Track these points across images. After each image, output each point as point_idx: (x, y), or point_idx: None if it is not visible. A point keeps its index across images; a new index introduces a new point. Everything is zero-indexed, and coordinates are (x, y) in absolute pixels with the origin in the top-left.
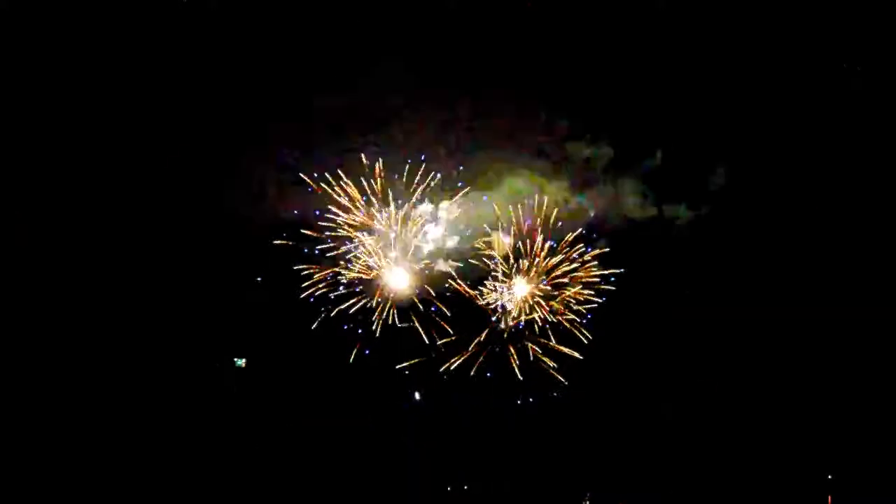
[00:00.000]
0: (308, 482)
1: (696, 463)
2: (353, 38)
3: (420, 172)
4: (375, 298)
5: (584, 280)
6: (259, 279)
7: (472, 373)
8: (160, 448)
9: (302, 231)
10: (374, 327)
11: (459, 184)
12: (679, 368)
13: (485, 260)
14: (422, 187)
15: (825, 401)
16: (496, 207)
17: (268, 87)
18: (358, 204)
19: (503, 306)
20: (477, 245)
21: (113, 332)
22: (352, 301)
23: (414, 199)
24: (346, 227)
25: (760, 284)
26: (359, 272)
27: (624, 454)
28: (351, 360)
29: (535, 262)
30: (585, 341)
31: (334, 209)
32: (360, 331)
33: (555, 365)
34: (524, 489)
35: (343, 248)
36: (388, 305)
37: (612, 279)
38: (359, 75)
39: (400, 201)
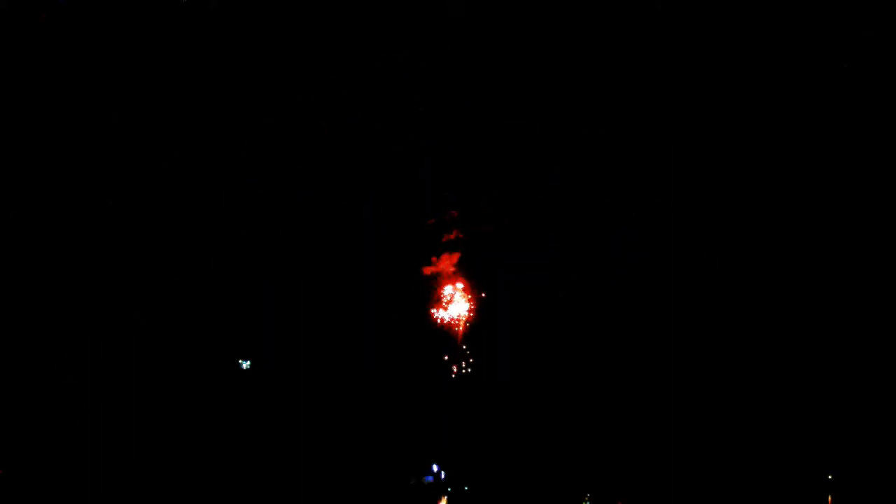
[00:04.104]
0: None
1: (694, 462)
2: (356, 40)
3: None
4: None
5: None
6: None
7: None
8: (160, 449)
9: None
10: None
11: None
12: (678, 366)
13: None
14: None
15: (825, 401)
16: None
17: (268, 88)
18: None
19: None
20: None
21: (114, 332)
22: None
23: None
24: None
25: (760, 282)
26: None
27: (623, 454)
28: None
29: None
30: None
31: None
32: None
33: None
34: (524, 489)
35: None
36: None
37: None
38: (362, 76)
39: None
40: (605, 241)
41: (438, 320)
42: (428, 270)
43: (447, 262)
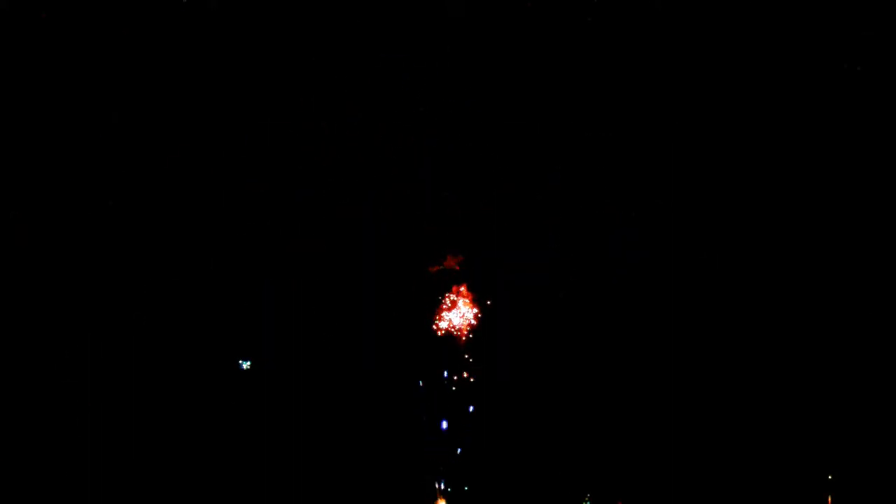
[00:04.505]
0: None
1: (694, 462)
2: (356, 40)
3: None
4: None
5: None
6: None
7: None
8: (161, 450)
9: None
10: None
11: None
12: (678, 366)
13: None
14: None
15: (825, 401)
16: None
17: (268, 88)
18: None
19: None
20: None
21: (114, 332)
22: None
23: None
24: None
25: (760, 282)
26: None
27: (624, 454)
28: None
29: None
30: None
31: None
32: None
33: None
34: (524, 489)
35: None
36: None
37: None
38: (362, 76)
39: None
40: (605, 241)
41: (438, 320)
42: (428, 270)
43: (447, 263)
